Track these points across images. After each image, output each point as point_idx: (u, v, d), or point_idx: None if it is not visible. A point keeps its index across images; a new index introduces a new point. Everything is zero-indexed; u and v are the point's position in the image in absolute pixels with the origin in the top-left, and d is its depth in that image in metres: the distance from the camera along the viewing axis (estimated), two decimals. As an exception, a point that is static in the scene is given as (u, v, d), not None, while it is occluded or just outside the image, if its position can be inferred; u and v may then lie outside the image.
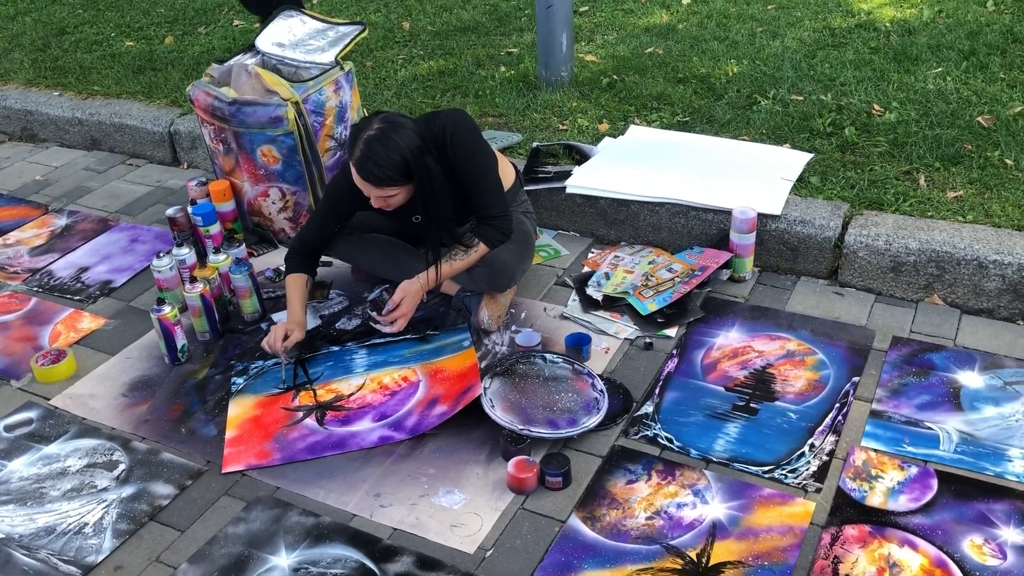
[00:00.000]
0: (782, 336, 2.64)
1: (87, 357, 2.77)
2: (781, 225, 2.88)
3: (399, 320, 2.62)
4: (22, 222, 3.57)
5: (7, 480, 2.33)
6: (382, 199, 2.50)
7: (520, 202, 2.92)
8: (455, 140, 2.55)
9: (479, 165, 2.62)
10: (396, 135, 2.41)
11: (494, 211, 2.64)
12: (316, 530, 2.13)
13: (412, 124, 2.48)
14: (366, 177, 2.42)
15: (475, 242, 2.63)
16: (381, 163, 2.40)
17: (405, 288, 2.62)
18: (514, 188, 2.86)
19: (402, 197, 2.51)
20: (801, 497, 2.12)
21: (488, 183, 2.65)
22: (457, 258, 2.63)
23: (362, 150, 2.41)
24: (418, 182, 2.46)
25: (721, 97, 3.73)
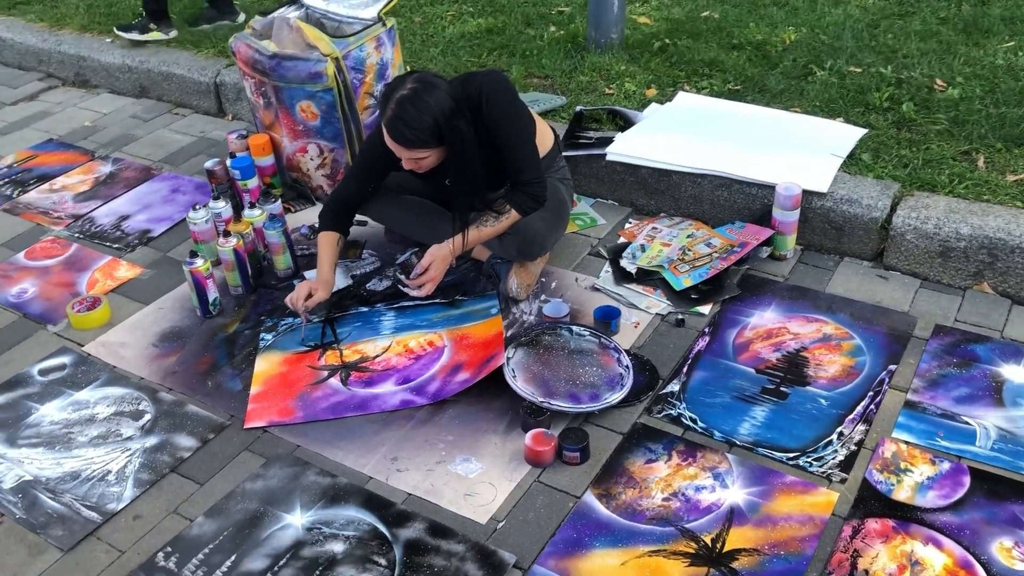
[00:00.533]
0: (819, 319, 2.56)
1: (121, 305, 2.80)
2: (827, 203, 2.78)
3: (427, 284, 2.60)
4: (69, 168, 3.62)
5: (38, 423, 2.38)
6: (413, 161, 2.46)
7: (557, 168, 2.86)
8: (491, 102, 2.50)
9: (515, 129, 2.56)
10: (428, 96, 2.36)
11: (527, 177, 2.59)
12: (332, 491, 2.13)
13: (446, 85, 2.43)
14: (396, 138, 2.39)
15: (507, 208, 2.58)
16: (412, 124, 2.36)
17: (434, 253, 2.60)
18: (551, 153, 2.80)
19: (433, 159, 2.47)
20: (824, 487, 2.06)
21: (523, 148, 2.59)
22: (487, 224, 2.59)
23: (393, 110, 2.37)
24: (449, 146, 2.42)
25: (776, 66, 3.60)
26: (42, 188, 3.48)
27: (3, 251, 3.12)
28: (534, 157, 2.61)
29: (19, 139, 3.90)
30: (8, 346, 2.66)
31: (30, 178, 3.56)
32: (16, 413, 2.41)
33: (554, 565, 1.92)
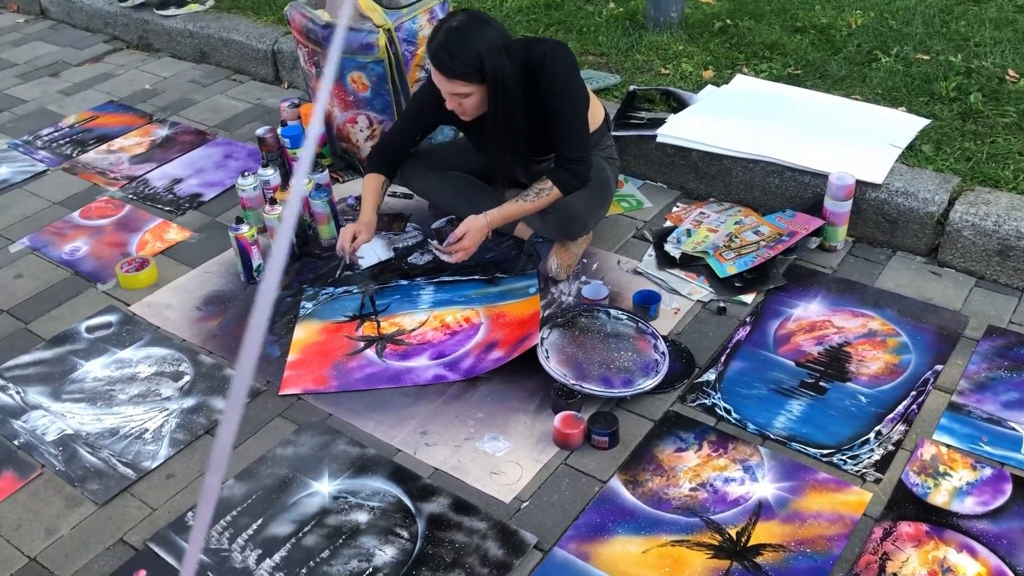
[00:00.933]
0: (866, 313, 2.49)
1: (169, 267, 2.86)
2: (881, 195, 2.69)
3: (458, 253, 2.58)
4: (127, 129, 3.69)
5: (83, 379, 2.44)
6: (455, 100, 2.43)
7: (604, 147, 2.82)
8: (551, 69, 2.46)
9: (569, 103, 2.52)
10: (478, 30, 2.35)
11: (574, 154, 2.55)
12: (360, 461, 2.15)
13: (501, 27, 2.41)
14: (438, 66, 2.37)
15: (548, 185, 2.55)
16: (455, 54, 2.34)
17: (469, 223, 2.58)
18: (600, 131, 2.76)
19: (475, 101, 2.43)
20: (858, 486, 2.01)
21: (574, 124, 2.55)
22: (527, 200, 2.56)
23: (440, 39, 2.36)
24: (490, 85, 2.39)
25: (839, 51, 3.49)
26: (100, 149, 3.56)
27: (60, 209, 3.20)
28: (584, 136, 2.58)
29: (82, 100, 3.98)
30: (59, 302, 2.73)
31: (90, 138, 3.64)
32: (62, 368, 2.48)
33: (575, 548, 1.91)
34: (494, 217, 2.57)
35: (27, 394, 2.40)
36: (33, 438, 2.26)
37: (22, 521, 2.05)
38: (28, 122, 3.81)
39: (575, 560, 1.89)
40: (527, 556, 1.90)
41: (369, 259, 2.81)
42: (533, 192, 2.56)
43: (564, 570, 1.87)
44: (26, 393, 2.40)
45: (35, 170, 3.44)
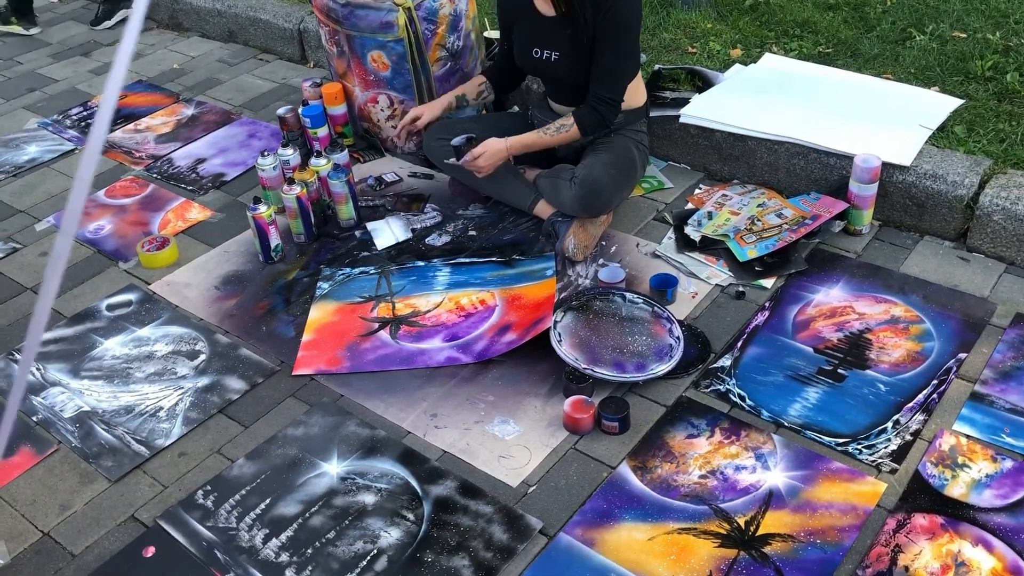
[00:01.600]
0: (889, 299, 2.43)
1: (189, 247, 2.88)
2: (909, 177, 2.62)
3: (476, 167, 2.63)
4: (154, 109, 3.71)
5: (101, 356, 2.47)
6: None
7: (637, 130, 2.79)
8: (616, 4, 2.47)
9: (621, 41, 2.53)
10: None
11: (604, 92, 2.57)
12: (370, 442, 2.15)
13: None
14: None
15: (569, 121, 2.58)
16: None
17: (488, 144, 2.61)
18: (638, 112, 2.77)
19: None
20: (872, 476, 1.97)
21: (619, 63, 2.57)
22: (547, 132, 2.61)
23: None
24: None
25: (872, 29, 3.40)
26: (128, 128, 3.59)
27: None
28: (622, 81, 2.60)
29: (111, 79, 4.01)
30: (81, 280, 2.77)
31: (117, 117, 3.67)
32: (82, 345, 2.51)
33: (580, 534, 1.89)
34: (513, 143, 2.61)
35: (47, 371, 2.43)
36: (51, 414, 2.30)
37: (37, 496, 2.09)
38: (58, 101, 3.86)
39: (580, 546, 1.87)
40: (532, 541, 1.89)
41: (387, 240, 2.80)
42: (554, 127, 2.60)
43: (568, 556, 1.85)
44: (46, 370, 2.44)
45: (63, 149, 3.48)
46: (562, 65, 2.63)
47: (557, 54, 2.63)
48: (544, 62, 2.67)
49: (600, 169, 2.59)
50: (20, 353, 2.49)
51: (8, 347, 2.53)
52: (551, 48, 2.63)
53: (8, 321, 2.63)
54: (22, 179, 3.32)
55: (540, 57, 2.67)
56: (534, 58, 2.69)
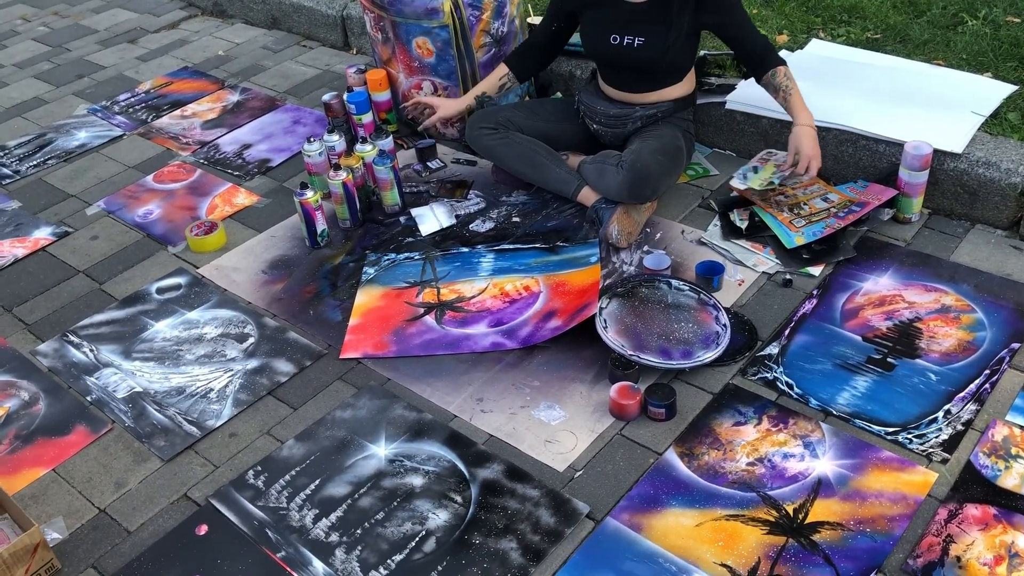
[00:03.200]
0: (939, 288, 2.40)
1: (237, 231, 2.91)
2: (961, 165, 2.58)
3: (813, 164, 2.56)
4: (200, 95, 3.76)
5: (152, 339, 2.52)
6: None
7: (684, 119, 2.78)
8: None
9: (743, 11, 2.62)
10: None
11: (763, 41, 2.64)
12: (417, 425, 2.17)
13: None
14: None
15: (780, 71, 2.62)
16: None
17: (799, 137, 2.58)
18: (688, 100, 2.78)
19: None
20: (923, 466, 1.95)
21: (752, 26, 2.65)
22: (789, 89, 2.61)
23: None
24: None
25: (923, 14, 3.34)
26: (174, 114, 3.63)
27: (134, 173, 3.28)
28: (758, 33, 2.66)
29: (158, 66, 4.07)
30: (131, 264, 2.81)
31: (164, 104, 3.72)
32: (133, 328, 2.56)
33: (627, 519, 1.90)
34: (805, 117, 2.59)
35: (100, 352, 2.48)
36: (105, 395, 2.34)
37: (93, 474, 2.13)
38: (106, 88, 3.91)
39: (627, 531, 1.87)
40: (579, 525, 1.90)
41: (431, 226, 2.82)
42: (783, 83, 2.61)
43: (615, 540, 1.86)
44: (99, 351, 2.48)
45: (112, 135, 3.54)
46: (643, 51, 2.63)
47: (641, 39, 2.62)
48: (624, 48, 2.65)
49: (648, 155, 2.58)
50: (74, 335, 2.54)
51: (62, 329, 2.58)
52: (634, 34, 2.62)
53: (61, 303, 2.68)
54: (72, 164, 3.38)
55: (619, 43, 2.65)
56: (612, 44, 2.67)
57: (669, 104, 2.70)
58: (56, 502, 2.07)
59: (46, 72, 4.12)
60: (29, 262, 2.87)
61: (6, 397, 2.37)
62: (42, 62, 4.23)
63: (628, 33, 2.63)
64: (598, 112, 2.78)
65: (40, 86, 3.99)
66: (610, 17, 2.65)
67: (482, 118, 2.84)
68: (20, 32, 4.59)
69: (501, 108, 2.92)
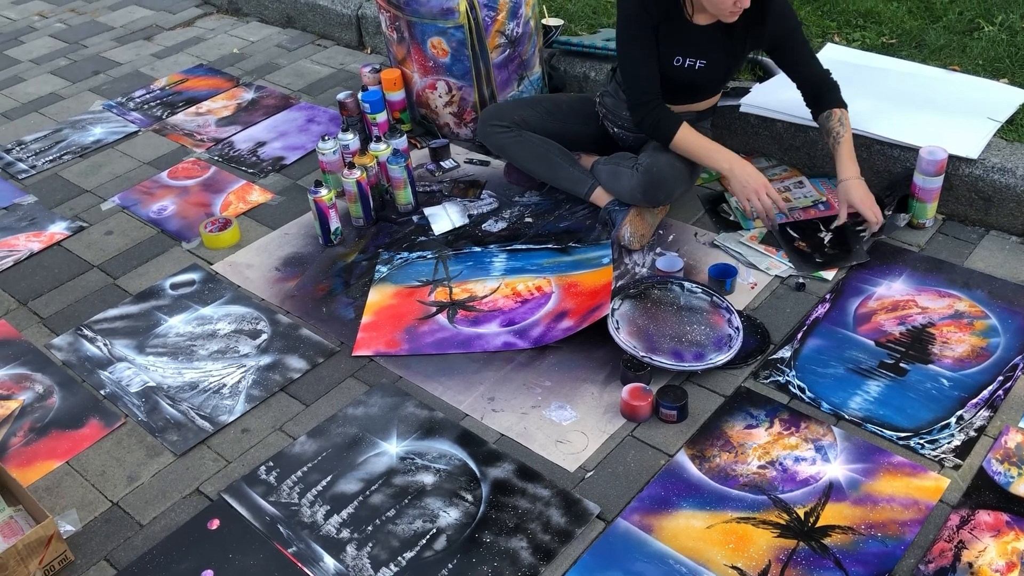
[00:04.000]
0: (953, 294, 2.39)
1: (251, 228, 2.92)
2: (976, 170, 2.57)
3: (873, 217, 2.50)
4: (214, 93, 3.77)
5: (166, 334, 2.53)
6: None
7: (702, 126, 2.77)
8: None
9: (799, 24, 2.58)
10: None
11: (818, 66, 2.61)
12: (428, 423, 2.18)
13: None
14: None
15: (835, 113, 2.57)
16: None
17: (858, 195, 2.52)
18: (707, 112, 2.77)
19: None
20: (935, 471, 1.95)
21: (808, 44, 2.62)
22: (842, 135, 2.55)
23: None
24: None
25: (939, 19, 3.34)
26: (189, 111, 3.65)
27: (149, 169, 3.30)
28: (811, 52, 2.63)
29: (173, 63, 4.09)
30: (145, 259, 2.83)
31: (179, 101, 3.74)
32: (147, 323, 2.57)
33: (638, 520, 1.90)
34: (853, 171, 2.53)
35: (114, 346, 2.49)
36: (118, 389, 2.36)
37: (106, 467, 2.14)
38: (122, 84, 3.94)
39: (637, 532, 1.88)
40: (589, 525, 1.90)
41: (444, 225, 2.82)
42: (837, 125, 2.55)
43: (626, 541, 1.86)
44: (113, 345, 2.50)
45: (127, 131, 3.56)
46: (704, 73, 2.59)
47: (703, 62, 2.57)
48: (686, 70, 2.59)
49: (664, 159, 2.58)
50: (89, 329, 2.56)
51: (76, 323, 2.59)
52: (696, 56, 2.56)
53: (76, 298, 2.70)
54: (88, 159, 3.40)
55: (681, 65, 2.58)
56: (674, 66, 2.59)
57: (692, 115, 2.69)
58: (70, 494, 2.08)
59: (63, 68, 4.15)
60: (44, 256, 2.89)
61: (21, 390, 2.38)
62: (59, 58, 4.25)
63: (691, 55, 2.56)
64: (622, 117, 2.77)
65: (56, 82, 4.02)
66: (677, 37, 2.54)
67: (495, 115, 2.83)
68: (37, 28, 4.62)
69: (515, 105, 2.89)
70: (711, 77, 2.61)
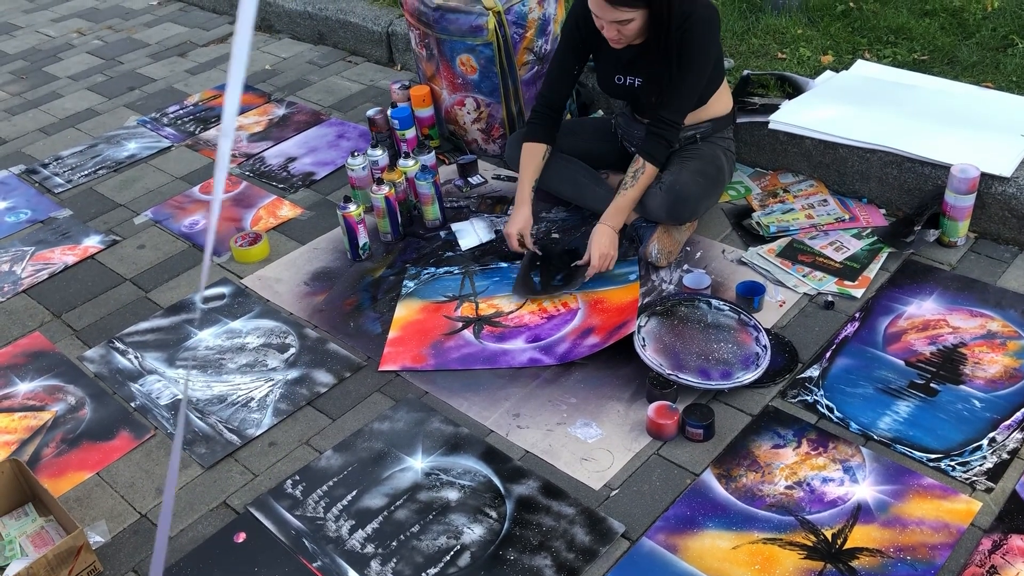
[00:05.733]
0: (985, 314, 2.36)
1: (280, 243, 2.95)
2: (1009, 189, 2.54)
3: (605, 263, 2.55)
4: (247, 108, 3.82)
5: (196, 347, 2.56)
6: (615, 28, 2.41)
7: (724, 137, 2.77)
8: (692, 23, 2.44)
9: (694, 65, 2.50)
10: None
11: (669, 117, 2.54)
12: (454, 439, 2.18)
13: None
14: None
15: (640, 163, 2.55)
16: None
17: (595, 240, 2.55)
18: (725, 119, 2.75)
19: (636, 27, 2.41)
20: (966, 494, 1.92)
21: (687, 87, 2.53)
22: (627, 188, 2.56)
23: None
24: (655, 10, 2.38)
25: (971, 35, 3.31)
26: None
27: (181, 184, 3.35)
28: (688, 104, 2.57)
29: (206, 79, 4.15)
30: (177, 273, 2.87)
31: (212, 116, 3.79)
32: (177, 336, 2.60)
33: (663, 540, 1.89)
34: (613, 221, 2.57)
35: (144, 359, 2.53)
36: (148, 401, 2.38)
37: (135, 479, 2.17)
38: (156, 100, 4.00)
39: (662, 551, 1.86)
40: (614, 544, 1.89)
41: (470, 240, 2.83)
42: (630, 178, 2.56)
43: (651, 561, 1.85)
44: (144, 358, 2.53)
45: (160, 146, 3.61)
46: (646, 89, 2.61)
47: (640, 80, 2.61)
48: (627, 87, 2.66)
49: (688, 176, 2.57)
50: (120, 341, 2.60)
51: (108, 335, 2.63)
52: (634, 74, 2.61)
53: (108, 311, 2.74)
54: (122, 174, 3.45)
55: (623, 83, 2.65)
56: (616, 84, 2.67)
57: (707, 125, 2.69)
58: (99, 506, 2.11)
59: (99, 84, 4.23)
60: (79, 269, 2.94)
61: (54, 401, 2.42)
62: (96, 74, 4.33)
63: (630, 73, 2.62)
64: (635, 136, 2.78)
65: (93, 98, 4.09)
66: (614, 57, 2.60)
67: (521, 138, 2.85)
68: (76, 45, 4.71)
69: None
70: (655, 91, 2.58)
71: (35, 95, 4.19)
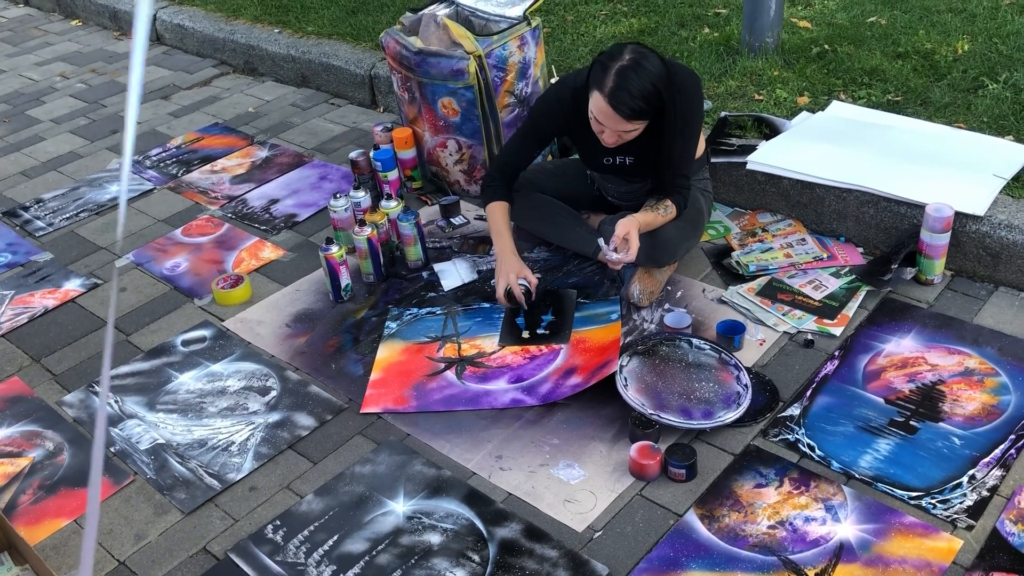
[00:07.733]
0: (963, 351, 2.38)
1: (262, 285, 2.95)
2: (983, 227, 2.58)
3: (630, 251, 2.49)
4: (230, 151, 3.84)
5: (176, 391, 2.54)
6: (617, 134, 2.44)
7: (701, 178, 2.80)
8: (685, 94, 2.49)
9: (693, 130, 2.57)
10: (648, 63, 2.36)
11: (687, 174, 2.62)
12: (436, 482, 2.17)
13: (657, 55, 2.42)
14: (618, 108, 2.35)
15: (670, 203, 2.60)
16: (635, 94, 2.34)
17: (628, 224, 2.52)
18: (700, 160, 2.77)
19: (636, 133, 2.46)
20: (948, 532, 1.92)
21: (691, 150, 2.62)
22: (659, 212, 2.59)
23: (615, 81, 2.35)
24: (668, 113, 2.43)
25: (943, 77, 3.37)
26: (204, 169, 3.71)
27: (163, 226, 3.35)
28: (693, 159, 2.65)
29: (189, 122, 4.17)
30: (158, 316, 2.86)
31: (194, 159, 3.80)
32: (158, 379, 2.59)
33: (647, 582, 1.88)
34: (644, 220, 2.57)
35: (125, 403, 2.51)
36: (128, 446, 2.36)
37: (114, 525, 2.14)
38: (139, 142, 4.01)
39: (646, 594, 1.86)
40: (597, 587, 1.88)
41: (453, 281, 2.84)
42: (662, 208, 2.60)
43: (634, 603, 1.84)
44: (124, 402, 2.51)
45: (143, 188, 3.62)
46: (636, 166, 2.65)
47: (631, 158, 2.64)
48: (616, 166, 2.69)
49: (669, 223, 2.59)
50: (100, 386, 2.58)
51: (88, 380, 2.61)
52: (624, 154, 2.64)
53: (88, 355, 2.72)
54: (104, 217, 3.45)
55: (613, 162, 2.68)
56: (605, 164, 2.69)
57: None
58: (77, 553, 2.08)
59: (82, 128, 4.24)
60: (59, 313, 2.92)
61: (32, 447, 2.39)
62: (79, 117, 4.34)
63: (619, 154, 2.64)
64: (611, 189, 2.81)
65: (76, 141, 4.10)
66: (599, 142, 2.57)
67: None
68: (59, 88, 4.73)
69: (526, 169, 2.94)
70: (648, 163, 2.62)
71: (17, 138, 4.19)
